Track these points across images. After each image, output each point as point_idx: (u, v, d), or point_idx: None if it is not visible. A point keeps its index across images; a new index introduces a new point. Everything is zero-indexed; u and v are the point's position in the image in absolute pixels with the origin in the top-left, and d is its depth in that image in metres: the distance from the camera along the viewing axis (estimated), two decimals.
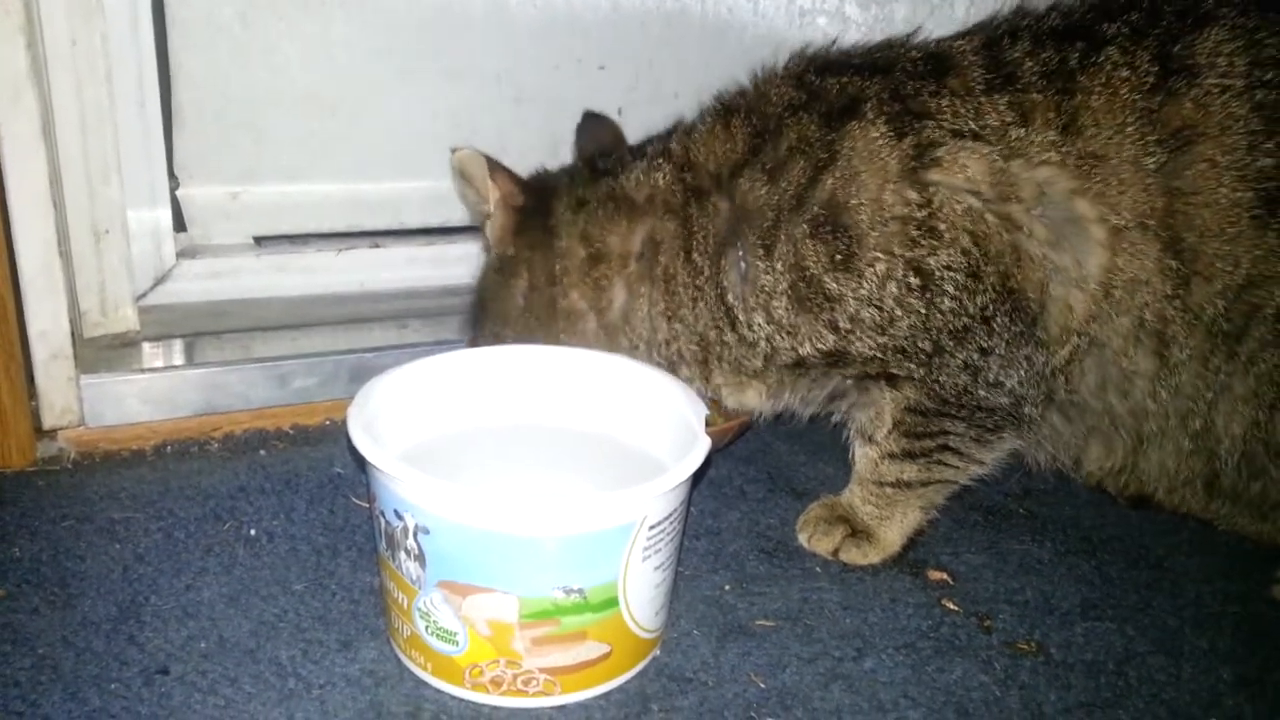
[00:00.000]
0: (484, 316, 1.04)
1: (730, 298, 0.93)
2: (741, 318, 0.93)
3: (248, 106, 1.26)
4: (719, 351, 0.96)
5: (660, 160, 0.97)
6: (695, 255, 0.94)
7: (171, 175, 1.24)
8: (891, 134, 0.88)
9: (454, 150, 0.99)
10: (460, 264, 1.11)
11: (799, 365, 0.94)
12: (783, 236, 0.90)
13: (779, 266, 0.90)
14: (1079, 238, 0.87)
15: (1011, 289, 0.88)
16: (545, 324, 0.99)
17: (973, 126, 0.88)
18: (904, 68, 0.92)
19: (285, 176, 1.32)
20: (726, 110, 0.96)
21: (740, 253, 0.92)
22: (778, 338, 0.92)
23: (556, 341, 0.99)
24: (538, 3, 1.35)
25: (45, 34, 1.03)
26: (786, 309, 0.91)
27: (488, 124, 1.35)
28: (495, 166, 0.99)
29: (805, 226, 0.89)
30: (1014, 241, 0.87)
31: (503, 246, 1.01)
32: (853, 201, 0.88)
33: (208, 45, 1.22)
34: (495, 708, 0.77)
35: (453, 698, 0.77)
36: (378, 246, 1.37)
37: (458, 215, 1.40)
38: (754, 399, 0.99)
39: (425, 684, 0.78)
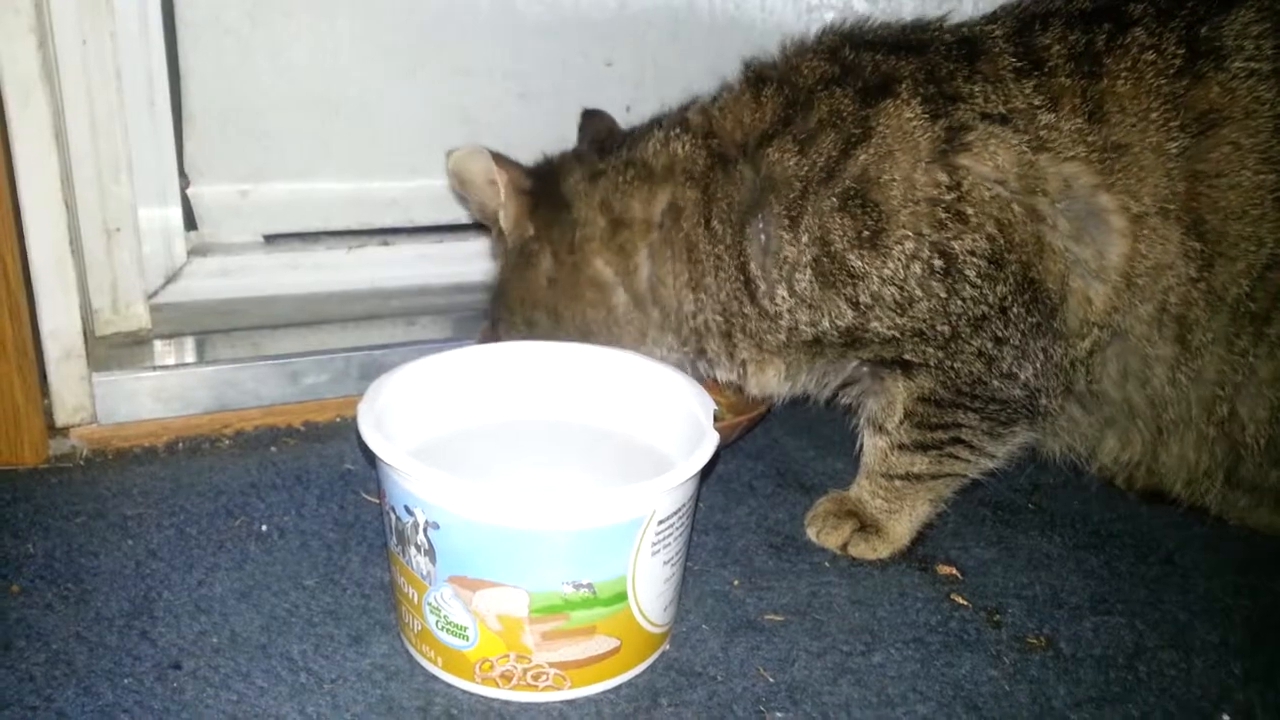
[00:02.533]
0: (510, 306, 1.02)
1: (752, 268, 0.92)
2: (763, 289, 0.93)
3: (257, 105, 1.27)
4: (741, 324, 0.95)
5: (679, 130, 0.97)
6: (716, 223, 0.93)
7: (182, 174, 1.24)
8: (926, 115, 0.88)
9: (449, 154, 0.99)
10: (470, 261, 1.12)
11: (816, 343, 0.94)
12: (810, 209, 0.89)
13: (804, 239, 0.90)
14: (1100, 230, 0.87)
15: (1032, 279, 0.88)
16: (573, 296, 0.98)
17: (1002, 110, 0.88)
18: (938, 49, 0.92)
19: (295, 175, 1.32)
20: (757, 80, 0.96)
21: (762, 224, 0.91)
22: (800, 311, 0.92)
23: (585, 316, 0.98)
24: None
25: (56, 33, 1.03)
26: (810, 282, 0.91)
27: (494, 121, 1.36)
28: (499, 158, 0.99)
29: (834, 200, 0.89)
30: (1037, 232, 0.87)
31: (520, 230, 1.00)
32: (885, 178, 0.88)
33: (217, 45, 1.23)
34: (505, 702, 0.77)
35: (463, 692, 0.77)
36: (387, 244, 1.38)
37: (466, 213, 1.40)
38: (773, 378, 0.98)
39: (436, 678, 0.79)
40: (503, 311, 1.03)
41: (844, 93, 0.91)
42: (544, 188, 1.00)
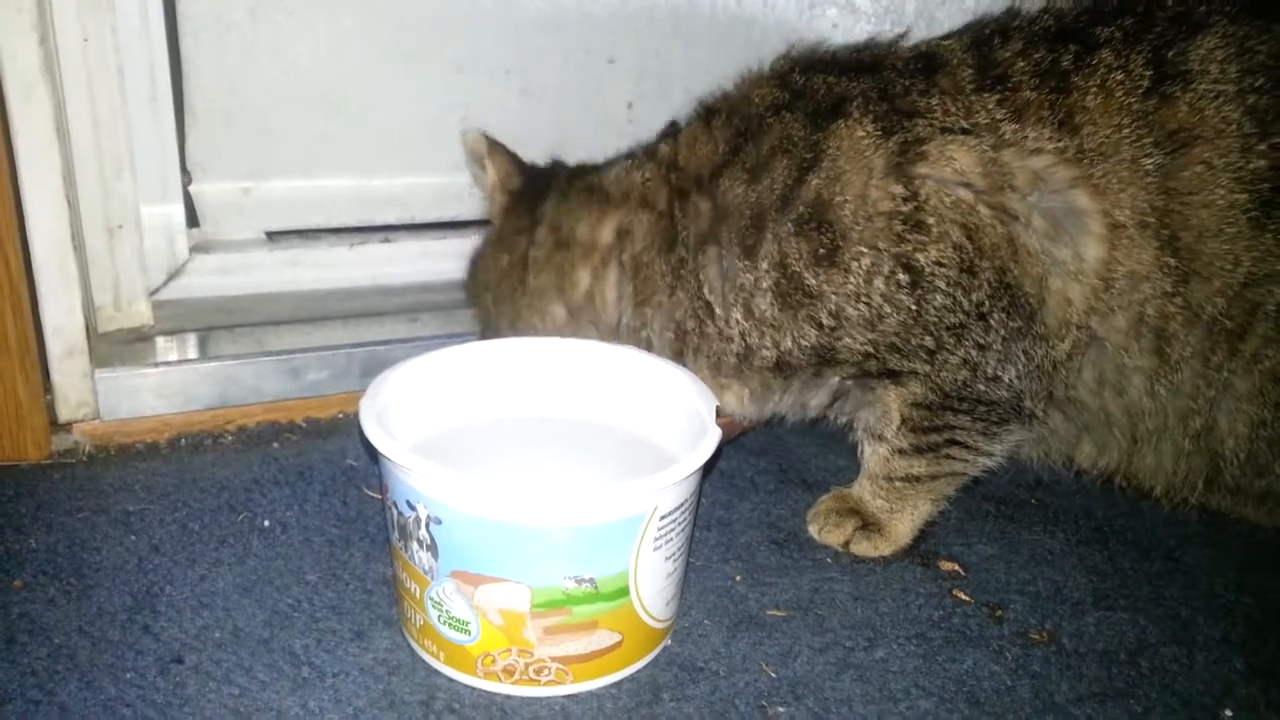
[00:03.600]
0: (472, 280, 1.09)
1: (707, 292, 0.94)
2: (720, 313, 0.94)
3: (258, 102, 1.27)
4: (696, 344, 0.96)
5: (644, 160, 0.99)
6: (679, 248, 0.95)
7: (184, 171, 1.24)
8: (879, 133, 0.88)
9: (464, 134, 1.06)
10: None
11: (782, 366, 0.94)
12: (768, 236, 0.90)
13: (763, 265, 0.90)
14: (1078, 230, 0.87)
15: (1009, 284, 0.88)
16: (513, 297, 1.03)
17: (963, 124, 0.88)
18: (892, 66, 0.92)
19: (296, 172, 1.32)
20: (708, 113, 0.98)
21: (721, 250, 0.93)
22: (753, 335, 0.93)
23: (519, 314, 1.02)
24: None
25: (57, 30, 1.03)
26: (770, 305, 0.91)
27: (497, 117, 1.35)
28: (494, 149, 1.05)
29: (790, 225, 0.89)
30: (1010, 234, 0.87)
31: (496, 223, 1.07)
32: (837, 199, 0.88)
33: (218, 41, 1.23)
34: (508, 696, 0.77)
35: (465, 686, 0.78)
36: (389, 241, 1.38)
37: (468, 210, 1.40)
38: (733, 401, 0.99)
39: (438, 673, 0.79)
40: (469, 277, 1.10)
41: (794, 118, 0.91)
42: (528, 191, 1.04)
